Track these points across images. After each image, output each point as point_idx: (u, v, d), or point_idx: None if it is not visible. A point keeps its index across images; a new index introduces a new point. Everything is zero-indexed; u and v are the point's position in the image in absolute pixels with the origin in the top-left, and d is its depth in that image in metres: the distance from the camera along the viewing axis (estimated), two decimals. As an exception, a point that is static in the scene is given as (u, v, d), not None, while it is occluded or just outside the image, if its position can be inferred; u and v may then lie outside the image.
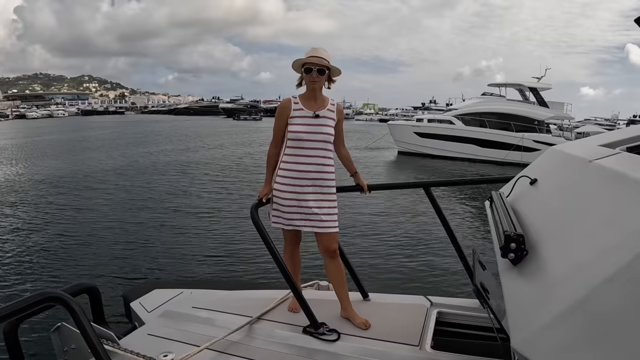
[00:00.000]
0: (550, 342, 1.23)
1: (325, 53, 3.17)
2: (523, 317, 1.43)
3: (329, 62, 3.15)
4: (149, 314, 3.55)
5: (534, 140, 25.00)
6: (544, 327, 1.27)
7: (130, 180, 18.33)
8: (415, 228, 11.21)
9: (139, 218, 12.15)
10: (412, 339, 2.81)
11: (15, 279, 7.93)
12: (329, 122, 3.17)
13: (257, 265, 8.24)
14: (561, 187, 2.18)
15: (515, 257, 1.70)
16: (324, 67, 3.12)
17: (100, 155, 27.31)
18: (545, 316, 1.30)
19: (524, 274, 1.65)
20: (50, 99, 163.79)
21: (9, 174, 20.35)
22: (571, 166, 2.25)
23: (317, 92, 3.19)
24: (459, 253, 3.42)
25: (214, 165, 23.09)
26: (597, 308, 1.18)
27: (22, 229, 11.14)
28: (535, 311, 1.39)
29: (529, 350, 1.27)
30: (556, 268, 1.51)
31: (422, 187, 3.47)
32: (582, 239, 1.52)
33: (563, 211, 1.88)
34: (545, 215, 2.02)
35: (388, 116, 79.55)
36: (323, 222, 3.14)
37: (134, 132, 49.42)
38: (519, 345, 1.31)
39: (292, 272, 3.17)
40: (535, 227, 1.90)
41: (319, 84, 3.16)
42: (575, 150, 2.48)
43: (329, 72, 3.18)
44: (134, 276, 7.89)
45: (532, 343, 1.28)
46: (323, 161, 3.14)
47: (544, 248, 1.66)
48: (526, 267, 1.67)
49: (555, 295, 1.37)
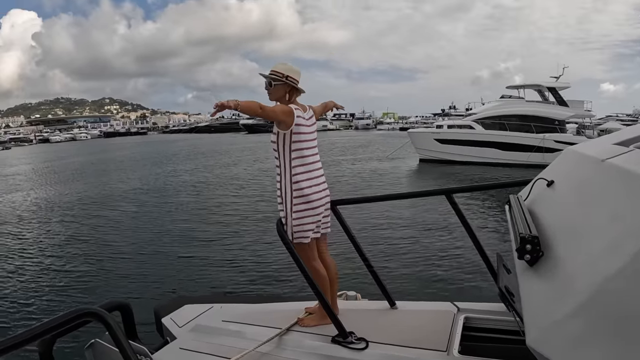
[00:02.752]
0: (564, 338, 1.26)
1: (279, 66, 3.25)
2: (537, 316, 1.45)
3: (284, 74, 3.21)
4: (180, 329, 3.61)
5: (555, 141, 24.68)
6: (557, 324, 1.29)
7: (156, 198, 18.61)
8: (439, 235, 11.18)
9: (163, 235, 12.32)
10: (439, 345, 2.81)
11: (47, 298, 8.10)
12: (274, 129, 3.27)
13: (285, 278, 8.30)
14: (576, 188, 2.20)
15: (531, 258, 1.73)
16: (272, 79, 3.21)
17: (125, 175, 27.74)
18: (558, 313, 1.33)
19: (539, 275, 1.68)
20: (73, 122, 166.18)
21: (38, 197, 20.83)
22: (585, 166, 2.26)
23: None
24: (484, 257, 3.42)
25: (238, 180, 23.27)
26: (609, 302, 1.21)
27: (52, 249, 11.37)
28: (548, 309, 1.41)
29: (543, 347, 1.30)
30: (569, 267, 1.53)
31: (444, 194, 3.49)
32: (594, 237, 1.54)
33: (577, 211, 1.90)
34: (561, 216, 2.04)
35: (408, 124, 79.18)
36: None
37: (157, 152, 50.02)
38: (534, 343, 1.34)
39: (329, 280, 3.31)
40: (551, 228, 1.92)
41: (270, 96, 3.27)
42: (589, 149, 2.49)
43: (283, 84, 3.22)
44: (163, 292, 8.01)
45: (546, 340, 1.31)
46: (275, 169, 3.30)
47: (558, 248, 1.69)
48: (542, 267, 1.69)
49: (567, 292, 1.39)
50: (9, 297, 8.17)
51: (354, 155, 35.29)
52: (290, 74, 3.20)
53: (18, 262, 10.33)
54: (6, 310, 7.66)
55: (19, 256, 10.88)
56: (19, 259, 10.60)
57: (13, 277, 9.29)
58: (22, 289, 8.56)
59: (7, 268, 9.93)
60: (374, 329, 3.11)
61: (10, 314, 7.50)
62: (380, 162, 29.76)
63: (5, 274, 9.47)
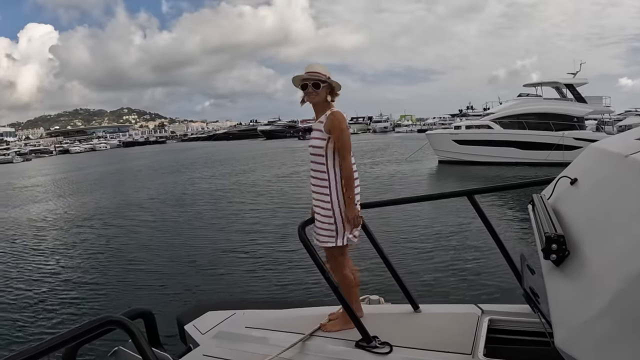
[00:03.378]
0: (592, 338, 1.23)
1: (319, 67, 3.21)
2: (565, 317, 1.43)
3: (327, 76, 3.18)
4: (203, 336, 3.62)
5: (575, 138, 24.40)
6: (585, 324, 1.27)
7: (175, 207, 18.76)
8: (462, 237, 11.11)
9: (183, 243, 12.39)
10: (464, 348, 2.78)
11: (69, 307, 8.20)
12: (317, 134, 3.19)
13: (307, 283, 8.30)
14: (600, 184, 2.17)
15: (557, 258, 1.71)
16: (319, 81, 3.15)
17: (143, 184, 28.03)
18: (586, 313, 1.30)
19: (566, 274, 1.65)
20: (92, 133, 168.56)
21: (60, 206, 21.15)
22: (608, 162, 2.23)
23: (319, 106, 3.23)
24: (507, 259, 3.38)
25: (255, 187, 23.38)
26: (637, 300, 1.18)
27: (73, 259, 11.49)
28: (576, 309, 1.39)
29: (572, 349, 1.28)
30: (596, 265, 1.51)
31: (466, 196, 3.46)
32: (620, 234, 1.52)
33: (602, 208, 1.88)
34: (586, 213, 2.01)
35: (426, 126, 78.91)
36: (316, 235, 3.23)
37: (175, 160, 50.48)
38: (562, 344, 1.32)
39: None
40: (576, 226, 1.90)
41: (316, 97, 3.18)
42: (612, 145, 2.46)
43: (327, 85, 3.19)
44: (185, 299, 8.04)
45: (575, 341, 1.29)
46: (314, 174, 3.22)
47: (585, 247, 1.66)
48: (568, 267, 1.67)
49: (595, 292, 1.37)
50: (32, 307, 8.28)
51: (372, 158, 35.21)
52: (329, 75, 3.20)
53: (40, 273, 10.45)
54: (30, 319, 7.76)
55: (41, 267, 11.02)
56: (41, 270, 10.72)
57: (36, 287, 9.41)
58: (45, 299, 8.66)
59: (31, 278, 10.06)
60: (397, 332, 3.08)
61: (34, 323, 7.59)
62: (399, 165, 29.69)
63: (29, 284, 9.59)
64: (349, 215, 3.11)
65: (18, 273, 10.50)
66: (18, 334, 7.25)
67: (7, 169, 61.55)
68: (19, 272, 10.61)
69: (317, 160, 3.18)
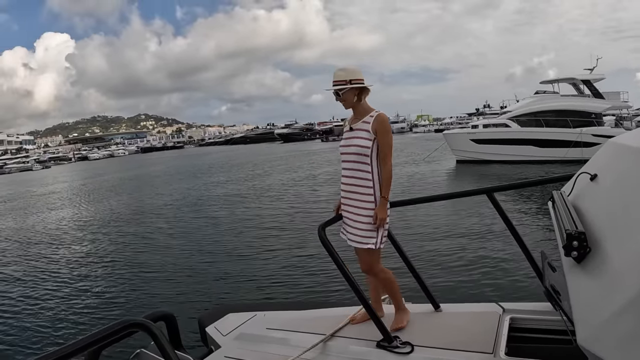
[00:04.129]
0: (616, 335, 1.23)
1: (339, 73, 3.22)
2: (588, 314, 1.42)
3: (347, 80, 3.19)
4: (225, 338, 3.65)
5: (593, 134, 24.10)
6: (608, 321, 1.27)
7: (195, 211, 18.84)
8: (481, 235, 11.02)
9: (203, 246, 12.45)
10: (485, 346, 2.77)
11: (90, 311, 8.27)
12: (362, 134, 3.17)
13: (327, 284, 8.30)
14: (620, 180, 2.15)
15: (578, 254, 1.69)
16: (336, 90, 3.20)
17: (160, 190, 28.27)
18: (609, 310, 1.29)
19: (587, 271, 1.64)
20: (110, 139, 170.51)
21: (82, 211, 21.48)
22: (628, 157, 2.21)
23: (354, 108, 3.27)
24: (528, 256, 3.36)
25: (272, 192, 23.43)
26: None
27: (93, 264, 11.61)
28: (599, 307, 1.38)
29: (595, 346, 1.27)
30: (617, 262, 1.49)
31: (485, 194, 3.45)
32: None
33: (622, 204, 1.86)
34: (606, 209, 1.99)
35: (443, 126, 78.55)
36: (355, 237, 3.20)
37: (192, 165, 50.80)
38: (585, 342, 1.31)
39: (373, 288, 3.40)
40: (597, 223, 1.88)
41: (344, 103, 3.24)
42: (631, 140, 2.44)
43: (351, 88, 3.20)
44: (206, 301, 8.07)
45: (598, 338, 1.28)
46: (356, 174, 3.19)
47: (606, 243, 1.65)
48: (590, 263, 1.65)
49: (617, 288, 1.36)
50: (53, 313, 8.34)
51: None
52: (353, 77, 3.19)
53: (61, 280, 10.54)
54: (52, 325, 7.82)
55: (61, 273, 11.11)
56: (61, 276, 10.82)
57: (57, 293, 9.50)
58: (66, 305, 8.72)
59: (51, 284, 10.18)
60: (419, 332, 3.09)
61: (55, 329, 7.66)
62: (418, 166, 29.53)
63: (50, 291, 9.68)
64: (380, 215, 3.12)
65: (39, 280, 10.62)
66: (40, 339, 7.33)
67: (27, 176, 62.50)
68: (41, 278, 10.73)
69: (361, 160, 3.16)
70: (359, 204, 3.18)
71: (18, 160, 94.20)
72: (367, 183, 3.16)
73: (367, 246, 3.16)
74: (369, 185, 3.16)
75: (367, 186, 3.16)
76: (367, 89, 3.26)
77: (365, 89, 3.25)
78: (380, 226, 3.15)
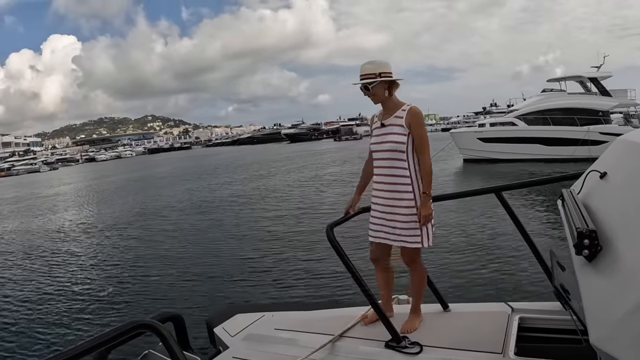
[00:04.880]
0: (629, 334, 1.21)
1: (367, 66, 3.15)
2: (600, 313, 1.40)
3: (376, 73, 3.11)
4: (233, 338, 3.64)
5: (601, 132, 23.97)
6: (622, 320, 1.25)
7: (202, 212, 18.85)
8: (490, 234, 10.99)
9: (210, 247, 12.48)
10: (494, 346, 2.76)
11: (97, 313, 8.31)
12: (396, 129, 3.11)
13: (335, 284, 8.29)
14: (630, 177, 2.13)
15: (589, 253, 1.66)
16: (365, 83, 3.13)
17: (167, 191, 28.34)
18: (622, 309, 1.28)
19: (599, 270, 1.62)
20: (117, 140, 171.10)
21: (88, 213, 21.58)
22: (638, 155, 2.19)
23: (384, 103, 3.21)
24: (537, 255, 3.34)
25: (277, 193, 23.44)
26: None
27: (101, 265, 11.67)
28: (612, 306, 1.36)
29: (608, 346, 1.25)
30: (629, 260, 1.47)
31: (493, 192, 3.43)
32: None
33: (633, 201, 1.84)
34: (617, 208, 1.97)
35: (450, 125, 78.35)
36: (400, 237, 3.14)
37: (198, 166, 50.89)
38: (598, 342, 1.30)
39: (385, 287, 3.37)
40: (608, 221, 1.86)
41: (374, 98, 3.17)
42: None
43: (380, 82, 3.13)
44: (214, 302, 8.06)
45: (611, 338, 1.26)
46: (392, 171, 3.12)
47: (618, 241, 1.63)
48: (601, 262, 1.63)
49: (630, 287, 1.34)
50: (61, 314, 8.38)
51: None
52: (382, 70, 3.12)
53: (68, 281, 10.59)
54: (60, 326, 7.86)
55: (68, 275, 11.17)
56: (68, 278, 10.88)
57: (64, 294, 9.54)
58: (73, 306, 8.76)
59: (59, 286, 10.23)
60: (427, 332, 3.08)
61: (63, 330, 7.70)
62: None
63: (57, 292, 9.73)
64: (423, 213, 3.05)
65: (47, 282, 10.66)
66: (48, 340, 7.36)
67: (34, 178, 62.83)
68: (48, 281, 10.78)
69: (397, 157, 3.10)
70: (398, 202, 3.11)
71: (25, 162, 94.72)
72: (405, 180, 3.09)
73: (415, 245, 3.11)
74: (407, 182, 3.09)
75: (405, 183, 3.09)
76: (397, 82, 3.20)
77: (394, 83, 3.19)
78: (426, 223, 3.08)
